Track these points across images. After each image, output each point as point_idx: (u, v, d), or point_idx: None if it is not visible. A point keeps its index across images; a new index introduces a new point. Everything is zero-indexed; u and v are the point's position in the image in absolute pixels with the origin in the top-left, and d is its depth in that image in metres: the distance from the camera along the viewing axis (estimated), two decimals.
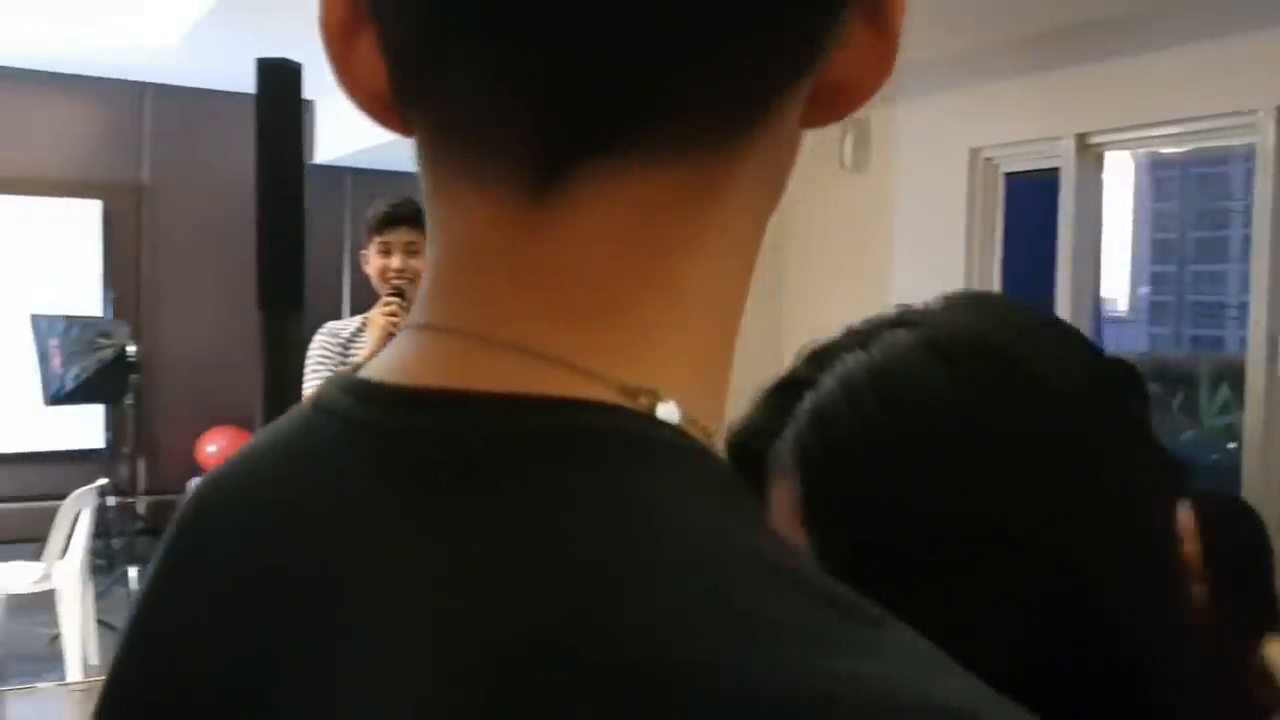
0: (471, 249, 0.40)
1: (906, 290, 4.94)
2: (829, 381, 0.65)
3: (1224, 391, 5.24)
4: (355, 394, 0.43)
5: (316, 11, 0.43)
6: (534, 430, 0.38)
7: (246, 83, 7.85)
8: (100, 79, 7.37)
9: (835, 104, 0.43)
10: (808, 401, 0.65)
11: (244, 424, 7.49)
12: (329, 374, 3.10)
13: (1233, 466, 3.63)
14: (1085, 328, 4.21)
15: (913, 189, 4.80)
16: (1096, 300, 4.27)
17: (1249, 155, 3.63)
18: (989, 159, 4.55)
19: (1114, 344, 5.35)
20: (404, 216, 3.35)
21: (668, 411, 0.38)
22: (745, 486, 0.40)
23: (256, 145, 2.66)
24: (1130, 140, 4.13)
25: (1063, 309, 4.15)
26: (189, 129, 7.75)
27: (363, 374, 0.43)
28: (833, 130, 4.74)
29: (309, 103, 3.69)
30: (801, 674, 0.32)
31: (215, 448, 7.51)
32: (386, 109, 0.42)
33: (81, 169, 7.50)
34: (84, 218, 7.44)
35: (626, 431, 0.38)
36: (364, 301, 6.91)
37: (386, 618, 0.38)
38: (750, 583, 0.34)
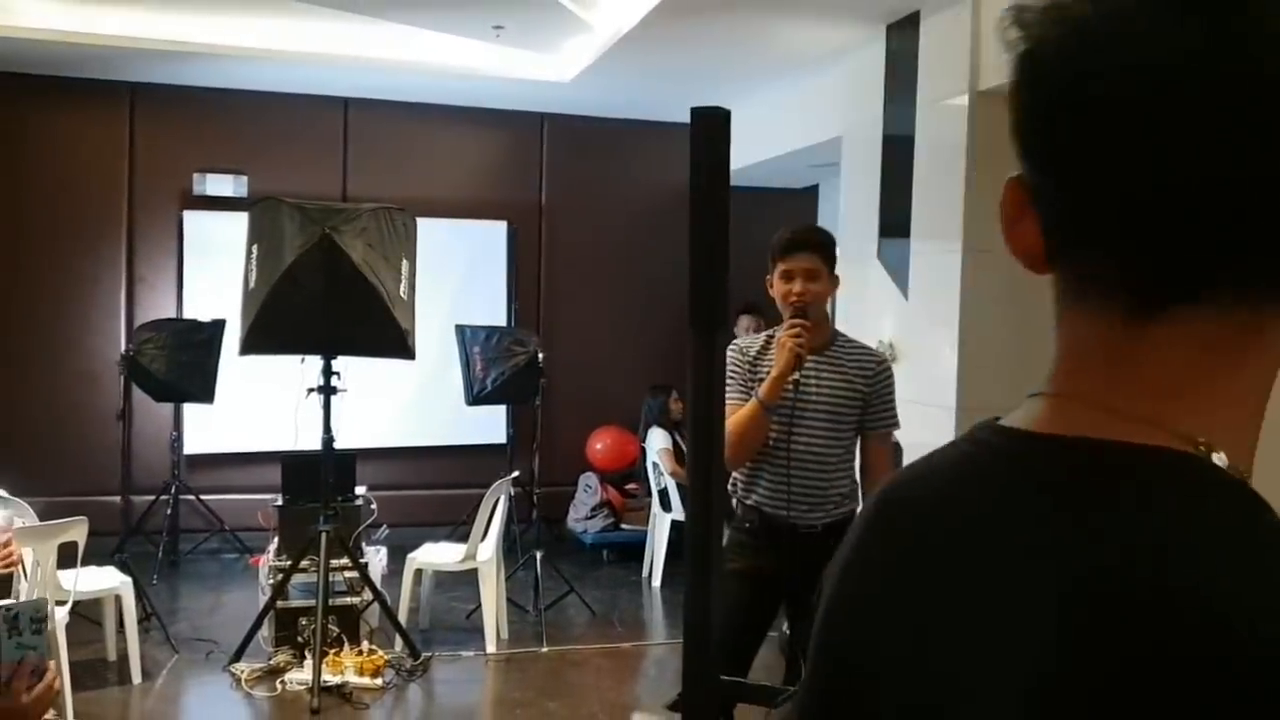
0: (1080, 349, 0.66)
1: None
2: None
3: None
4: (1005, 435, 0.69)
5: (684, 52, 0.73)
6: (1122, 462, 0.61)
7: (627, 111, 8.51)
8: (506, 111, 8.20)
9: None
10: None
11: (627, 425, 8.08)
12: (740, 386, 3.38)
13: None
14: None
15: None
16: None
17: None
18: None
19: None
20: (806, 243, 3.37)
21: (1219, 458, 0.61)
22: (1266, 507, 0.61)
23: (690, 181, 2.95)
24: None
25: None
26: (579, 155, 8.46)
27: (1004, 422, 0.69)
28: None
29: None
30: None
31: (602, 446, 8.11)
32: (1038, 262, 0.68)
33: (490, 192, 8.36)
34: (492, 236, 8.28)
35: (1191, 466, 0.61)
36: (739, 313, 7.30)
37: (1023, 576, 0.61)
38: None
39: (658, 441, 7.41)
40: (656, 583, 7.24)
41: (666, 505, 7.22)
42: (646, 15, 5.62)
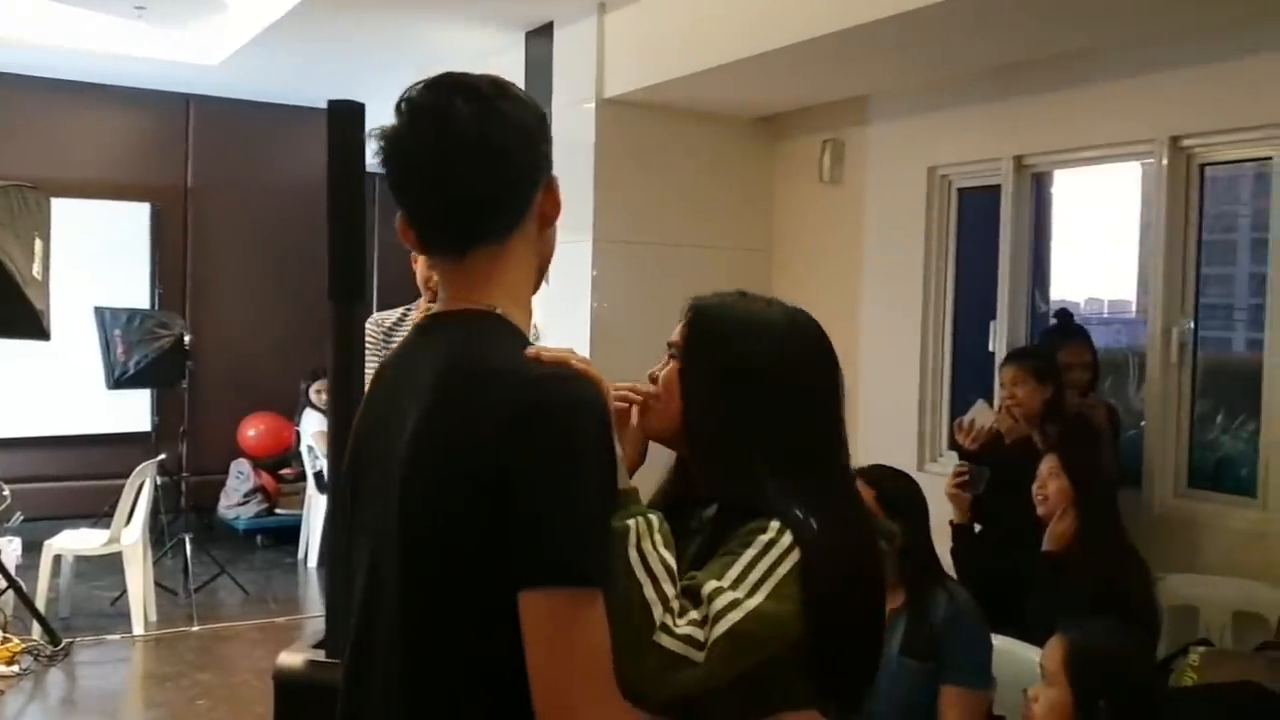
0: (444, 279, 1.41)
1: (873, 285, 5.66)
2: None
3: None
4: (426, 316, 1.47)
5: (335, 44, 1.82)
6: (460, 314, 1.37)
7: (279, 96, 8.48)
8: (147, 90, 8.01)
9: (545, 222, 1.42)
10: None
11: (282, 410, 8.13)
12: (375, 356, 3.71)
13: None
14: (1022, 322, 4.83)
15: (880, 201, 5.41)
16: (1033, 298, 4.87)
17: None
18: (944, 175, 5.16)
19: (1110, 340, 5.76)
20: None
21: (502, 311, 1.35)
22: (521, 333, 1.35)
23: (328, 166, 3.27)
24: (1055, 161, 4.77)
25: (1001, 307, 4.81)
26: (227, 138, 8.39)
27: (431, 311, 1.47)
28: (813, 147, 5.42)
29: None
30: (533, 373, 1.27)
31: (254, 432, 8.12)
32: (417, 249, 1.42)
33: (133, 174, 8.15)
34: (135, 218, 8.08)
35: (488, 313, 1.36)
36: (388, 292, 7.52)
37: (415, 377, 1.34)
38: (519, 353, 1.30)
39: (312, 424, 7.53)
40: (312, 563, 7.38)
41: (322, 487, 7.35)
42: (295, 5, 5.77)
